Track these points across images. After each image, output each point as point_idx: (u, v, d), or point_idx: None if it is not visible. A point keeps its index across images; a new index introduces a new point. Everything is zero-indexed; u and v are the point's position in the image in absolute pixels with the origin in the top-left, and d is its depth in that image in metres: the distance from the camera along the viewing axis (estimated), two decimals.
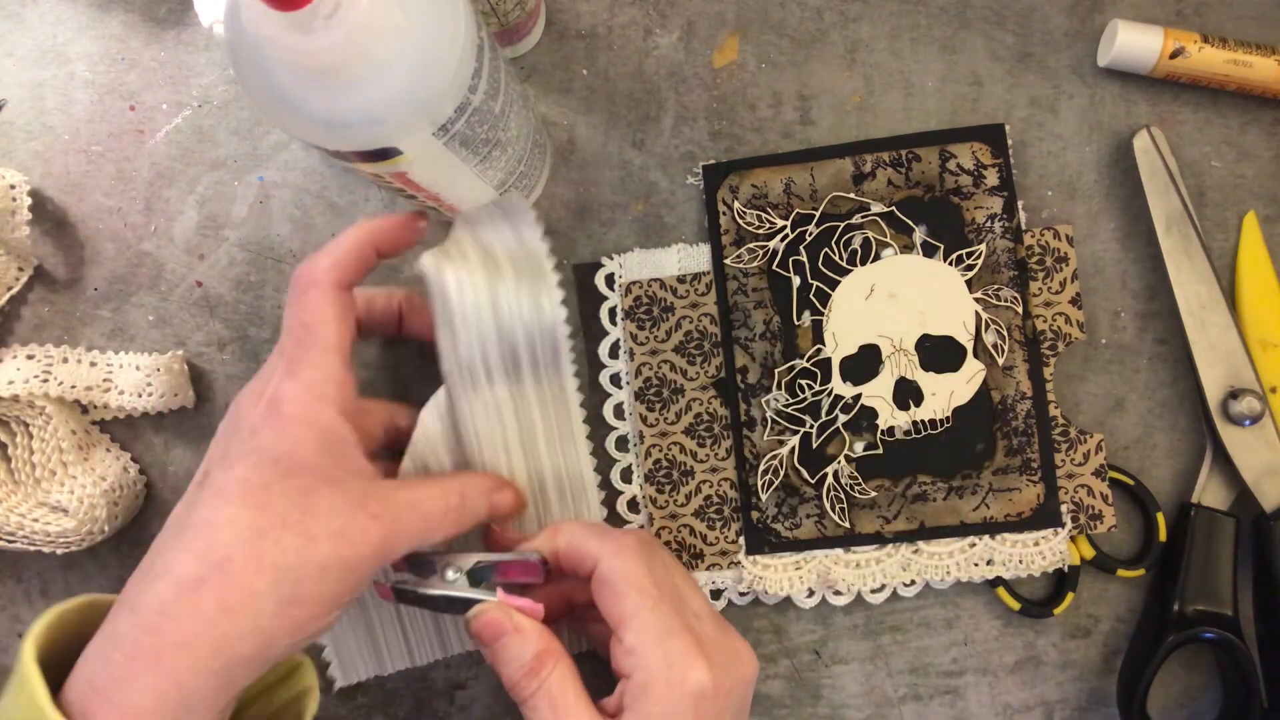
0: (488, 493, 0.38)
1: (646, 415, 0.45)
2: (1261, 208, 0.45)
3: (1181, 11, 0.45)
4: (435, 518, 0.35)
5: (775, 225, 0.45)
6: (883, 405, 0.44)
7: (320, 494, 0.32)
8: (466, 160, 0.36)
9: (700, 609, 0.37)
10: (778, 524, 0.44)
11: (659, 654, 0.34)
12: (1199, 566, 0.42)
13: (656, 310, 0.45)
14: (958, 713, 0.45)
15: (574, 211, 0.46)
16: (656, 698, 0.33)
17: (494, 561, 0.38)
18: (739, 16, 0.46)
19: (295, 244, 0.47)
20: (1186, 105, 0.45)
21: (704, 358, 0.45)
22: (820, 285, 0.44)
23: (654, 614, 0.34)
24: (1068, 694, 0.45)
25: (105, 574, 0.47)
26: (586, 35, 0.46)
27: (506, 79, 0.36)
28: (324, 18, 0.27)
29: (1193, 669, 0.44)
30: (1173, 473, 0.45)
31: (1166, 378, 0.45)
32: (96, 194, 0.47)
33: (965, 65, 0.45)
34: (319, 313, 0.34)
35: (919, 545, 0.44)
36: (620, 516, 0.46)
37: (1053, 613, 0.44)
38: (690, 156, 0.46)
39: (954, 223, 0.44)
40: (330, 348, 0.34)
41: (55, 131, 0.48)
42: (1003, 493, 0.43)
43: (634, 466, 0.46)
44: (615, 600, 0.35)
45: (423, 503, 0.34)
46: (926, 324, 0.44)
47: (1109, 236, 0.45)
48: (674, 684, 0.33)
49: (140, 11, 0.47)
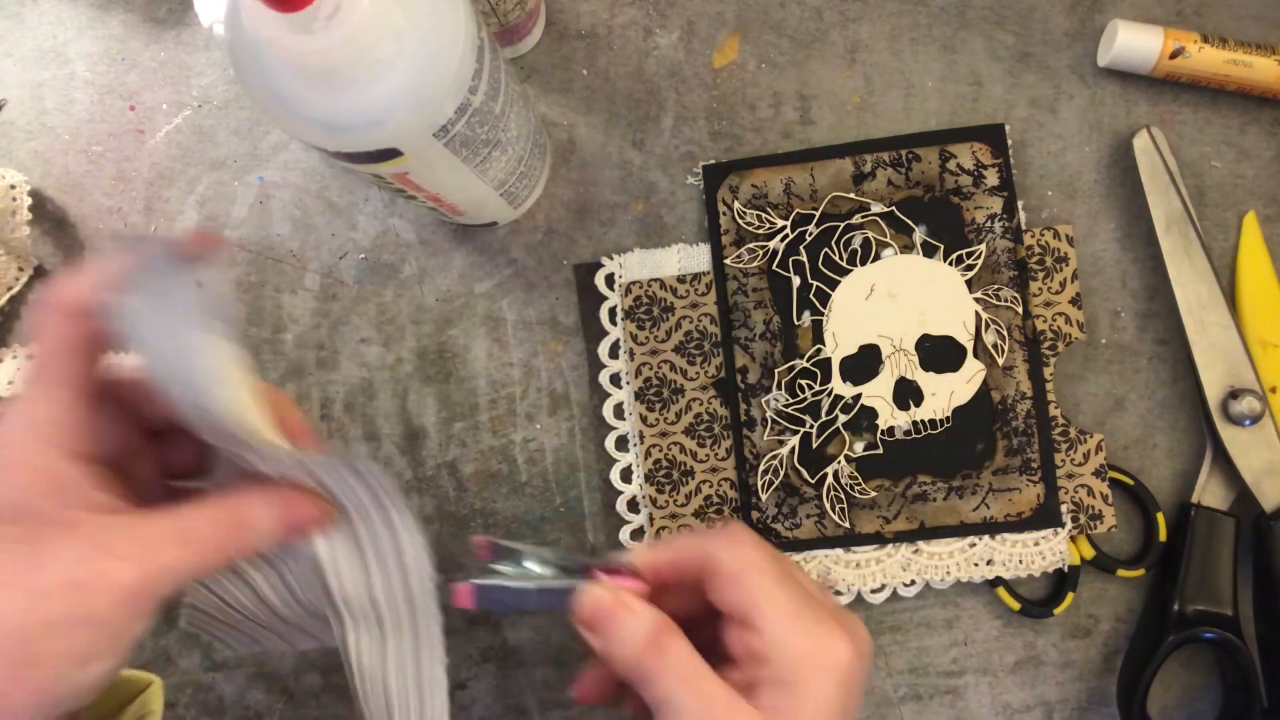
0: (276, 506, 0.32)
1: (646, 415, 0.45)
2: (1261, 208, 0.45)
3: (1181, 12, 0.45)
4: (209, 543, 0.31)
5: (775, 225, 0.45)
6: (883, 405, 0.44)
7: (48, 542, 0.28)
8: (467, 161, 0.36)
9: (811, 585, 0.35)
10: (778, 524, 0.44)
11: (800, 632, 0.32)
12: (1199, 566, 0.42)
13: (656, 310, 0.45)
14: (958, 713, 0.45)
15: (574, 211, 0.46)
16: (806, 676, 0.32)
17: (585, 563, 0.35)
18: (739, 16, 0.46)
19: (295, 244, 0.47)
20: (1186, 105, 0.45)
21: (704, 358, 0.45)
22: (820, 285, 0.44)
23: (786, 594, 0.33)
24: (1068, 694, 0.45)
25: None
26: (586, 35, 0.46)
27: (506, 79, 0.36)
28: (324, 19, 0.27)
29: (1193, 669, 0.44)
30: (1173, 473, 0.45)
31: (1166, 378, 0.45)
32: (96, 194, 0.47)
33: (965, 65, 0.45)
34: (52, 343, 0.31)
35: (919, 545, 0.44)
36: (620, 516, 0.46)
37: (1053, 613, 0.44)
38: (690, 156, 0.46)
39: (954, 223, 0.44)
40: (62, 383, 0.31)
41: (55, 131, 0.48)
42: (1003, 493, 0.43)
43: (634, 466, 0.46)
44: (743, 589, 0.33)
45: (190, 529, 0.31)
46: (926, 324, 0.44)
47: (1109, 236, 0.45)
48: (822, 661, 0.32)
49: (140, 12, 0.47)
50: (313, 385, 0.47)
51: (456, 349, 0.46)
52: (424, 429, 0.46)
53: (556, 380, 0.46)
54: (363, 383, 0.47)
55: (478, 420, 0.46)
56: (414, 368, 0.46)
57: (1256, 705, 0.41)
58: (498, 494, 0.46)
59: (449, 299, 0.46)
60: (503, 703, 0.46)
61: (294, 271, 0.47)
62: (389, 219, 0.47)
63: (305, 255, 0.47)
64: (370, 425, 0.47)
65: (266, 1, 0.26)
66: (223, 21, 0.40)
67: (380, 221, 0.47)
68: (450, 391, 0.46)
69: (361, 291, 0.47)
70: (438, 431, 0.46)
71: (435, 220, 0.46)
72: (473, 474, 0.46)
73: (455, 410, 0.46)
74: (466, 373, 0.46)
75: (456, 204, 0.40)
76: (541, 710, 0.46)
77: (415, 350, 0.46)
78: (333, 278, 0.47)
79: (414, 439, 0.46)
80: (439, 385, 0.46)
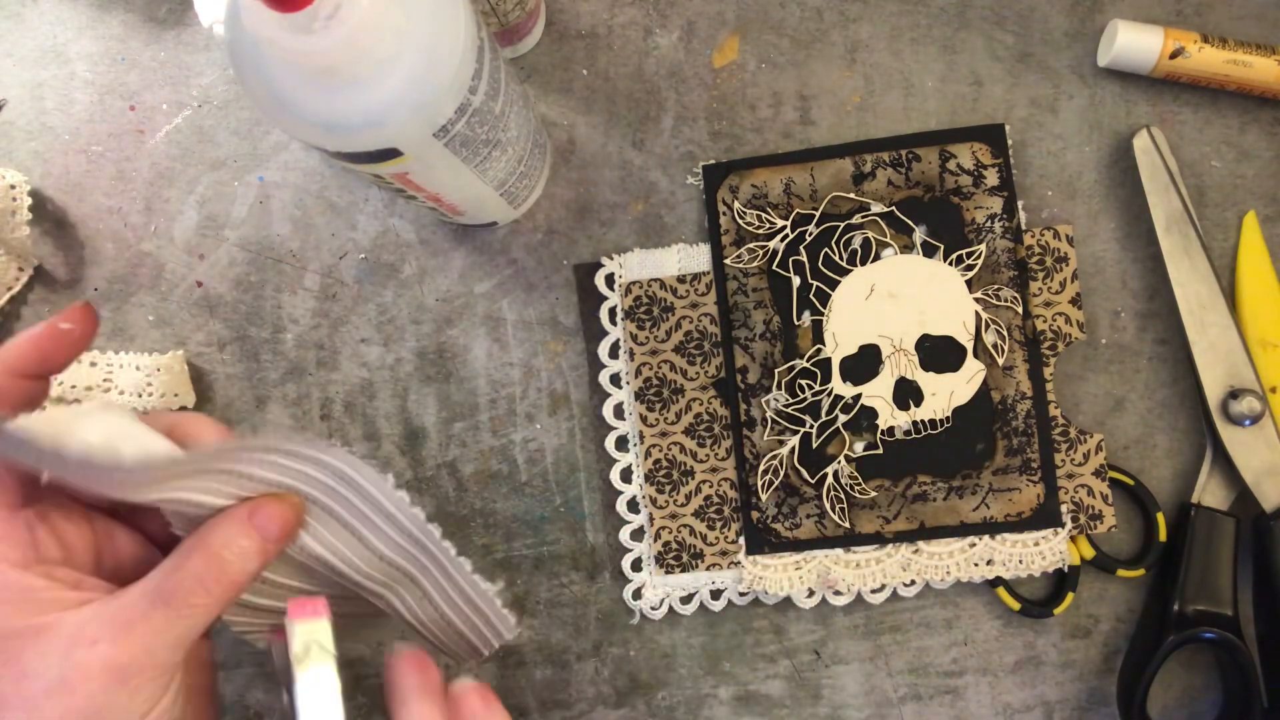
0: (238, 520, 0.31)
1: (646, 415, 0.45)
2: (1261, 208, 0.45)
3: (1181, 11, 0.45)
4: (188, 589, 0.29)
5: (775, 225, 0.45)
6: (883, 405, 0.44)
7: (28, 653, 0.28)
8: (467, 161, 0.36)
9: None
10: (778, 524, 0.44)
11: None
12: (1199, 566, 0.42)
13: (656, 310, 0.45)
14: (958, 713, 0.45)
15: (574, 212, 0.46)
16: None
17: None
18: (739, 16, 0.46)
19: (295, 244, 0.47)
20: (1187, 105, 0.45)
21: (704, 358, 0.45)
22: (820, 285, 0.44)
23: None
24: (1068, 694, 0.45)
25: None
26: (586, 35, 0.46)
27: (506, 79, 0.36)
28: (324, 19, 0.27)
29: (1193, 669, 0.44)
30: (1173, 473, 0.45)
31: (1166, 377, 0.45)
32: (96, 194, 0.47)
33: (965, 65, 0.45)
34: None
35: (919, 545, 0.44)
36: (620, 516, 0.46)
37: (1053, 613, 0.44)
38: (690, 156, 0.46)
39: (954, 223, 0.44)
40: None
41: (55, 131, 0.48)
42: (1003, 493, 0.43)
43: (634, 466, 0.46)
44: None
45: (162, 586, 0.29)
46: (926, 324, 0.44)
47: (1109, 236, 0.45)
48: None
49: (140, 12, 0.47)
50: (313, 385, 0.47)
51: (456, 349, 0.46)
52: (424, 429, 0.46)
53: (556, 380, 0.46)
54: (363, 383, 0.47)
55: (478, 420, 0.46)
56: (414, 368, 0.46)
57: (1257, 705, 0.41)
58: (498, 494, 0.46)
59: (449, 299, 0.46)
60: (503, 703, 0.46)
61: (294, 271, 0.47)
62: (389, 219, 0.47)
63: (305, 255, 0.47)
64: (370, 425, 0.47)
65: (266, 1, 0.26)
66: (222, 22, 0.40)
67: (380, 221, 0.47)
68: (450, 391, 0.46)
69: (361, 291, 0.47)
70: (438, 432, 0.46)
71: (435, 220, 0.46)
72: (473, 474, 0.46)
73: (455, 410, 0.46)
74: (466, 373, 0.46)
75: (456, 204, 0.40)
76: (541, 710, 0.46)
77: (415, 350, 0.46)
78: (333, 278, 0.47)
79: (414, 439, 0.46)
80: (439, 385, 0.46)
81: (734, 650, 0.46)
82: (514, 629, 0.36)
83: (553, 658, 0.46)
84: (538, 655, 0.46)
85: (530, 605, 0.46)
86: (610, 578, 0.46)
